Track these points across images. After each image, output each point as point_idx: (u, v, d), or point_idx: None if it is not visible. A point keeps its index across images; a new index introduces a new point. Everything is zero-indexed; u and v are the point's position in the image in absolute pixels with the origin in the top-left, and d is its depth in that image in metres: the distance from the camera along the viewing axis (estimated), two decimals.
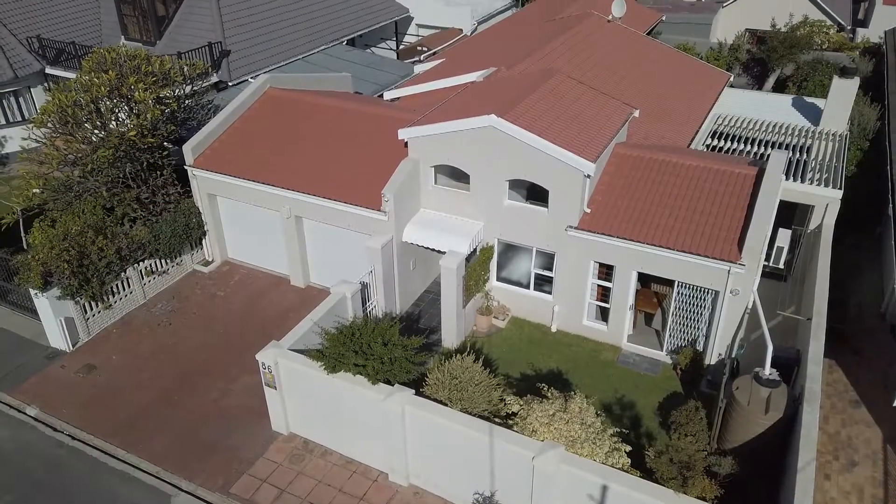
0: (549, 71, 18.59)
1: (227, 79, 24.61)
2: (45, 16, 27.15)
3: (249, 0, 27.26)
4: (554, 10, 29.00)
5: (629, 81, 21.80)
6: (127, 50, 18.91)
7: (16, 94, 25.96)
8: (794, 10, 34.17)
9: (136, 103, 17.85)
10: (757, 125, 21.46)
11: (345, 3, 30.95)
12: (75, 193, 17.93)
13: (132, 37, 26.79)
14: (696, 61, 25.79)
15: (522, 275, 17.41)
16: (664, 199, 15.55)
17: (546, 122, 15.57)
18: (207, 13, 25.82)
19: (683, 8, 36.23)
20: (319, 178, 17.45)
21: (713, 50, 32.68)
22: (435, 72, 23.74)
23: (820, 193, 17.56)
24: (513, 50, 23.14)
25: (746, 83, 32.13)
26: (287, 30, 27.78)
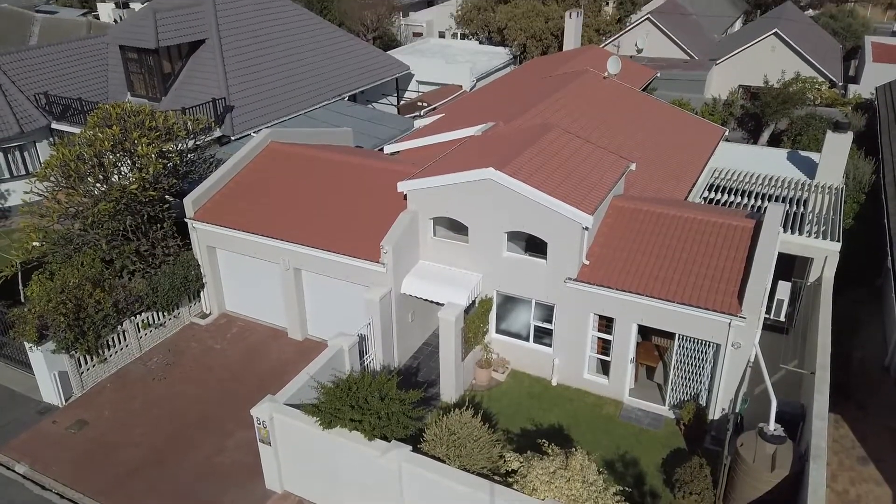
0: (547, 125, 18.89)
1: (229, 133, 25.02)
2: (53, 73, 27.82)
3: (254, 57, 27.98)
4: (551, 68, 29.68)
5: (626, 136, 22.13)
6: (132, 106, 19.28)
7: (21, 148, 26.36)
8: (786, 67, 34.97)
9: (139, 157, 18.08)
10: (753, 178, 21.67)
11: (347, 61, 31.73)
12: (75, 246, 17.97)
13: (138, 93, 27.37)
14: (691, 116, 26.24)
15: (522, 327, 17.27)
16: (663, 251, 15.56)
17: (544, 175, 15.72)
18: (212, 70, 26.45)
19: (677, 65, 37.08)
20: (319, 231, 17.51)
21: (708, 105, 33.29)
22: (434, 126, 24.13)
23: (818, 246, 17.58)
24: (511, 105, 23.58)
25: (741, 137, 32.61)
26: (290, 86, 28.41)
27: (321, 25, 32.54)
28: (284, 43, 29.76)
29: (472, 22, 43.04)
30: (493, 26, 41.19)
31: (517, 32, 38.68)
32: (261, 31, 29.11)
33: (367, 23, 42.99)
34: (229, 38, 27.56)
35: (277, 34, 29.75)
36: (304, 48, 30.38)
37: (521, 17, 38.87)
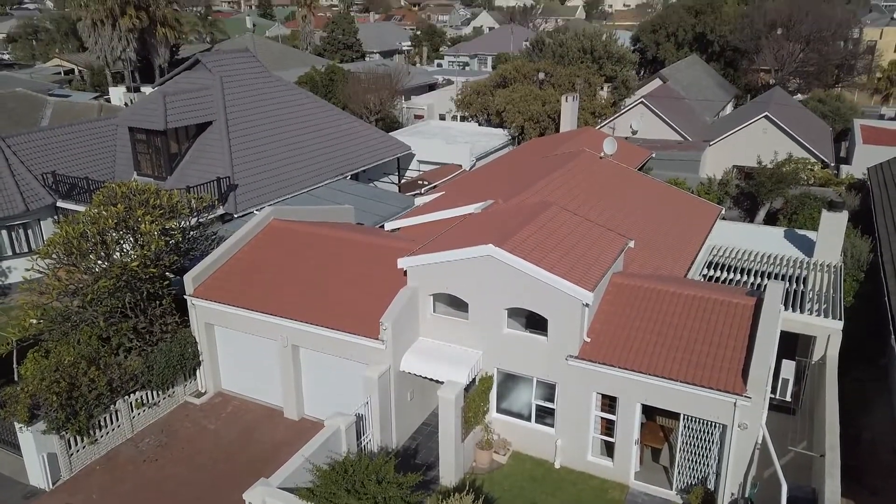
0: (545, 203, 19.16)
1: (232, 211, 25.37)
2: (62, 154, 28.49)
3: (259, 137, 28.75)
4: (548, 148, 30.43)
5: (624, 214, 22.42)
6: (138, 184, 19.63)
7: (25, 226, 26.64)
8: (778, 148, 35.83)
9: (142, 235, 18.25)
10: (751, 256, 21.79)
11: (350, 142, 32.58)
12: (72, 324, 17.87)
13: (144, 172, 27.95)
14: (687, 195, 26.66)
15: (523, 406, 16.92)
16: (664, 328, 15.44)
17: (543, 252, 15.82)
18: (218, 150, 27.11)
19: (672, 146, 38.01)
20: (318, 307, 17.45)
21: (703, 185, 33.89)
22: (434, 204, 24.49)
23: (820, 324, 17.47)
24: (509, 184, 24.01)
25: (738, 216, 33.02)
26: (294, 165, 29.05)
27: (326, 108, 33.61)
28: (290, 124, 30.66)
29: (471, 105, 44.46)
30: (491, 109, 42.51)
31: (515, 115, 39.88)
32: (267, 112, 30.04)
33: (370, 106, 44.41)
34: (236, 120, 28.40)
35: (283, 115, 30.69)
36: (308, 129, 31.27)
37: (519, 101, 40.17)
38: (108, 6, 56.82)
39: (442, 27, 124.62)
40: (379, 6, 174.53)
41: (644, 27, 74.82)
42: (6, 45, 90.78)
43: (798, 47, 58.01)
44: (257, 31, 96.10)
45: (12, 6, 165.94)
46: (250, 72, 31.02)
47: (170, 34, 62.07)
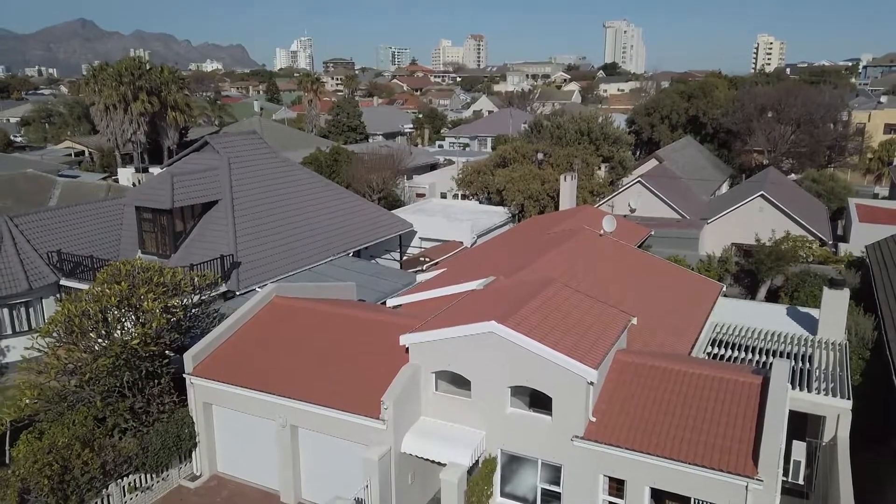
0: (547, 280, 19.23)
1: (235, 288, 25.42)
2: (67, 233, 28.84)
3: (264, 216, 29.17)
4: (548, 226, 30.81)
5: (625, 291, 22.45)
6: (142, 262, 19.78)
7: (27, 304, 26.63)
8: (776, 226, 36.26)
9: (144, 312, 18.24)
10: (755, 334, 21.65)
11: (353, 219, 33.04)
12: (68, 403, 17.58)
13: (149, 251, 28.19)
14: (688, 272, 26.78)
15: (528, 490, 16.38)
16: (671, 407, 15.17)
17: (546, 329, 15.74)
18: (223, 229, 27.46)
19: (670, 224, 38.50)
20: (317, 386, 17.20)
21: (703, 262, 34.09)
22: (436, 280, 24.57)
23: (829, 403, 17.17)
24: (511, 260, 24.17)
25: (739, 293, 33.03)
26: (297, 242, 29.34)
27: (329, 187, 34.29)
28: (294, 202, 31.19)
29: (472, 184, 45.35)
30: (492, 188, 43.35)
31: (515, 193, 40.61)
32: (272, 191, 30.63)
33: (373, 185, 45.32)
34: (241, 198, 28.92)
35: (288, 194, 31.27)
36: (312, 207, 31.79)
37: (519, 180, 41.01)
38: (121, 92, 58.96)
39: (443, 110, 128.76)
40: (382, 91, 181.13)
41: (638, 110, 77.37)
42: (20, 128, 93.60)
43: (789, 129, 59.76)
44: (264, 115, 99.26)
45: (28, 91, 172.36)
46: (257, 152, 31.84)
47: (180, 118, 64.12)
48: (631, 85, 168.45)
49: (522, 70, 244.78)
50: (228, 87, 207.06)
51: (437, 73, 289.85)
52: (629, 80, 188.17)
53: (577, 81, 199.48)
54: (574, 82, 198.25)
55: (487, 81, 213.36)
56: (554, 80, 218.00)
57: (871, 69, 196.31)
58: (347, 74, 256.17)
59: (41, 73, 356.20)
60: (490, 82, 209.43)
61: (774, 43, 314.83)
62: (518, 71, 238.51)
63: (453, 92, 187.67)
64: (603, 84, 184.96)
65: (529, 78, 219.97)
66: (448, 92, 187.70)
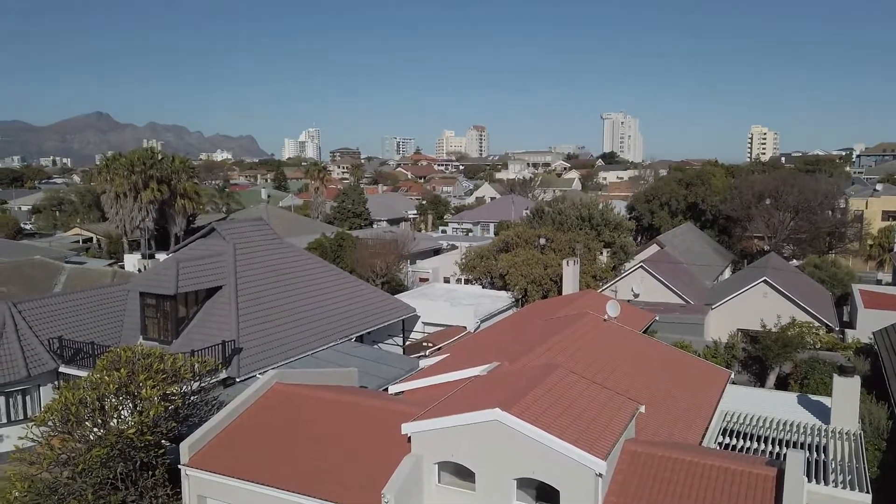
0: (552, 366, 18.96)
1: (235, 375, 25.09)
2: (70, 319, 28.80)
3: (267, 301, 29.17)
4: (551, 310, 30.70)
5: (631, 377, 22.08)
6: (143, 349, 19.64)
7: (24, 392, 26.24)
8: (781, 312, 36.08)
9: (142, 400, 17.92)
10: (766, 423, 21.11)
11: (356, 304, 33.01)
12: (59, 497, 16.96)
13: (150, 336, 28.03)
14: (694, 358, 26.42)
15: None
16: (683, 500, 14.56)
17: (552, 417, 15.37)
18: (226, 314, 27.41)
19: (674, 309, 38.35)
20: (317, 477, 16.63)
21: (709, 348, 33.71)
22: (439, 366, 24.22)
23: (848, 497, 16.49)
24: (514, 346, 23.92)
25: (748, 380, 32.46)
26: (299, 328, 29.19)
27: (333, 272, 34.49)
28: (297, 287, 31.28)
29: (475, 269, 45.59)
30: (495, 273, 43.55)
31: (518, 278, 40.74)
32: (276, 276, 30.79)
33: (376, 270, 45.57)
34: (245, 284, 29.03)
35: (291, 279, 31.41)
36: (315, 292, 31.84)
37: (522, 265, 41.24)
38: (132, 180, 60.41)
39: (446, 197, 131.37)
40: (387, 179, 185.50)
41: (638, 197, 78.78)
42: (31, 215, 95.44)
43: (788, 216, 60.57)
44: (272, 202, 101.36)
45: (41, 181, 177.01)
46: (262, 238, 32.25)
47: (188, 205, 65.37)
48: (630, 173, 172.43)
49: (523, 159, 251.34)
50: (237, 176, 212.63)
51: (441, 162, 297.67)
52: (628, 169, 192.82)
53: (576, 170, 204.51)
54: (574, 170, 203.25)
55: (489, 169, 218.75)
56: (554, 168, 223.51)
57: (864, 158, 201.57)
58: (353, 163, 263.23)
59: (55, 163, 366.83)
60: (492, 170, 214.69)
61: (768, 133, 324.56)
62: (519, 159, 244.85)
63: (456, 179, 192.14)
64: (602, 172, 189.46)
65: (530, 166, 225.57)
66: (451, 179, 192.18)
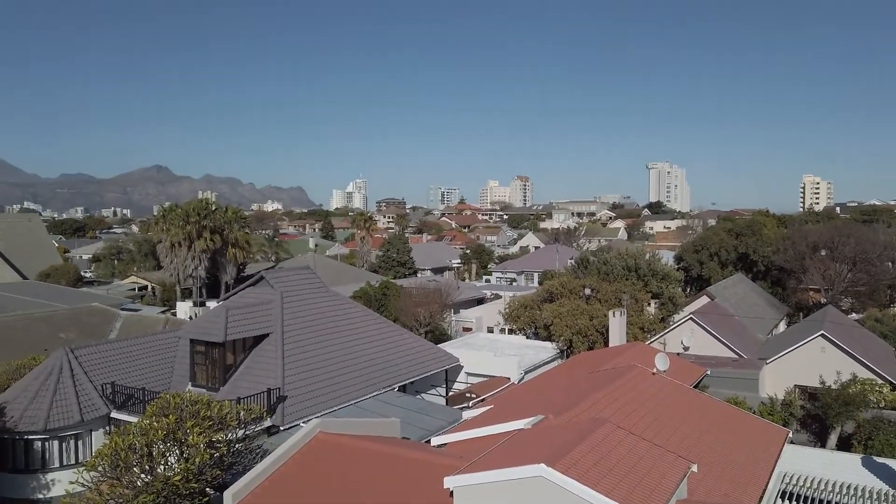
0: (599, 420, 18.46)
1: (279, 423, 25.20)
2: (123, 365, 29.55)
3: (312, 349, 29.45)
4: (598, 362, 30.07)
5: (682, 434, 21.30)
6: (191, 395, 19.98)
7: (76, 437, 26.82)
8: (840, 368, 34.50)
9: (188, 447, 18.14)
10: (829, 486, 20.01)
11: (399, 353, 33.00)
12: None
13: (199, 383, 28.51)
14: (749, 416, 25.36)
15: None
16: None
17: (599, 474, 14.89)
18: (272, 362, 27.75)
19: (727, 363, 37.10)
20: None
21: (765, 405, 32.37)
22: (483, 418, 23.87)
23: None
24: (560, 398, 23.45)
25: (807, 440, 30.95)
26: (343, 376, 29.30)
27: (377, 321, 34.68)
28: (342, 336, 31.52)
29: (519, 318, 45.22)
30: (539, 323, 43.08)
31: (563, 329, 40.18)
32: (321, 325, 31.13)
33: (420, 318, 45.65)
34: (291, 332, 29.42)
35: (336, 328, 31.70)
36: (359, 341, 32.01)
37: (567, 315, 40.72)
38: (187, 230, 62.70)
39: (490, 246, 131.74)
40: (431, 228, 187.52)
41: (686, 247, 77.38)
42: (91, 264, 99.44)
43: (845, 268, 58.38)
44: (318, 251, 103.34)
45: (102, 231, 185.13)
46: (309, 287, 32.80)
47: (239, 254, 67.31)
48: (677, 223, 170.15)
49: (568, 208, 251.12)
50: (287, 226, 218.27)
51: (485, 212, 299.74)
52: (675, 218, 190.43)
53: (622, 219, 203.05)
54: (619, 220, 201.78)
55: (533, 219, 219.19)
56: (599, 217, 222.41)
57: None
58: (399, 213, 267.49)
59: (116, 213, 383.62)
60: (536, 219, 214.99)
61: (821, 183, 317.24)
62: (563, 209, 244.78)
63: (500, 229, 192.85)
64: (648, 221, 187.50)
65: (575, 215, 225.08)
66: (495, 229, 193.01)
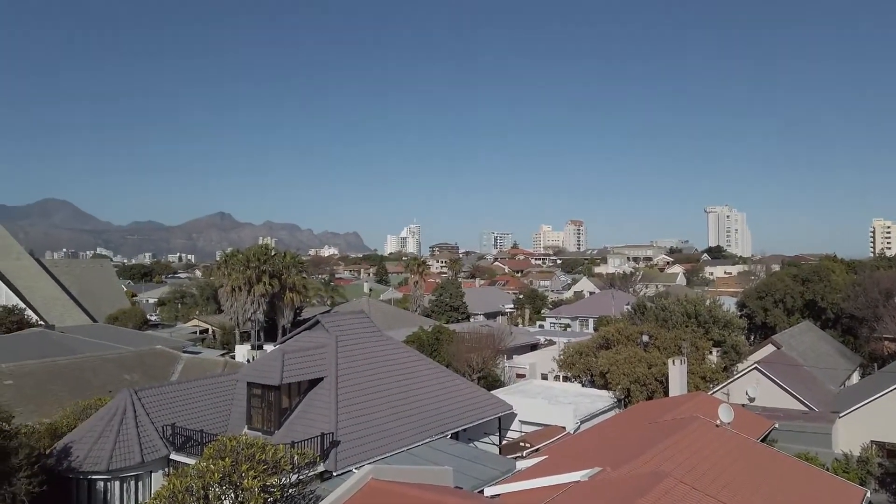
0: (660, 474, 17.76)
1: (332, 469, 25.15)
2: (183, 406, 30.18)
3: (365, 394, 29.49)
4: (658, 413, 29.05)
5: (749, 490, 20.19)
6: (247, 438, 20.20)
7: (137, 478, 27.36)
8: None
9: (243, 491, 18.25)
10: None
11: (452, 400, 32.66)
12: None
13: (255, 426, 28.84)
14: (822, 473, 23.96)
15: None
16: None
17: None
18: (326, 407, 27.88)
19: (796, 416, 35.20)
20: None
21: (839, 461, 30.49)
22: (538, 469, 23.27)
23: None
24: (618, 450, 22.68)
25: (887, 500, 28.88)
26: (396, 422, 29.13)
27: (430, 365, 34.55)
28: (395, 380, 31.48)
29: (574, 365, 44.27)
30: (595, 370, 42.04)
31: (620, 377, 39.08)
32: (375, 369, 31.21)
33: (473, 364, 45.24)
34: (345, 376, 29.57)
35: (390, 372, 31.71)
36: (412, 386, 31.89)
37: (624, 363, 39.64)
38: (247, 275, 64.54)
39: (543, 291, 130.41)
40: (484, 273, 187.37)
41: (749, 294, 74.66)
42: (156, 308, 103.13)
43: None
44: (373, 295, 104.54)
45: (168, 275, 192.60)
46: (363, 331, 33.05)
47: (296, 298, 68.78)
48: (738, 268, 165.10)
49: (623, 253, 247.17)
50: (342, 270, 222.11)
51: (538, 256, 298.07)
52: (736, 263, 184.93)
53: (680, 264, 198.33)
54: (677, 265, 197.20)
55: (588, 264, 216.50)
56: (656, 262, 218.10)
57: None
58: (452, 257, 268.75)
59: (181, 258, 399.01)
60: (590, 264, 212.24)
61: (892, 227, 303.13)
62: (618, 254, 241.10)
63: (554, 273, 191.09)
64: (708, 267, 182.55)
65: (630, 260, 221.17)
66: (548, 273, 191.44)
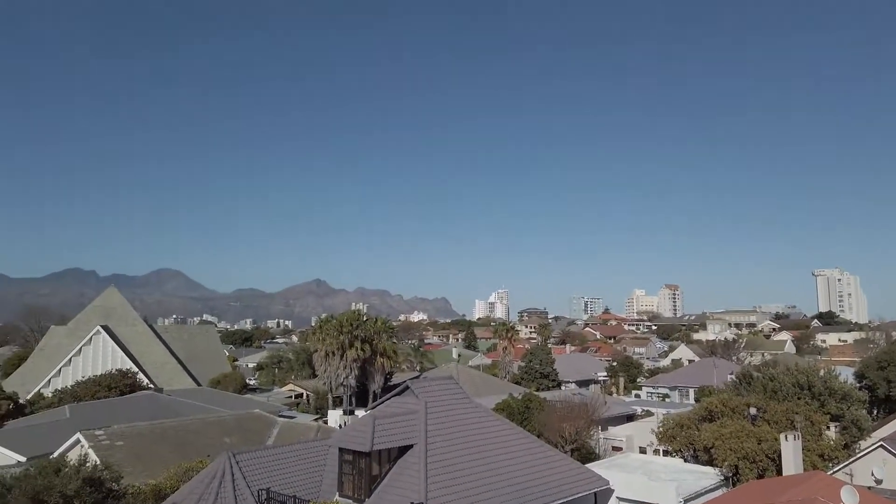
0: None
1: None
2: (278, 471, 30.64)
3: (454, 463, 28.96)
4: (773, 493, 26.74)
5: None
6: None
7: None
8: None
9: None
10: None
11: (544, 472, 31.46)
12: None
13: (346, 493, 28.84)
14: None
15: None
16: None
17: None
18: (415, 475, 27.56)
19: None
20: None
21: None
22: None
23: None
24: None
25: None
26: (484, 493, 28.29)
27: (521, 435, 33.61)
28: (484, 450, 30.77)
29: (675, 439, 41.76)
30: (698, 444, 39.45)
31: (727, 452, 36.45)
32: (464, 437, 30.68)
33: (565, 435, 43.65)
34: (434, 443, 29.23)
35: (479, 441, 31.07)
36: (502, 456, 31.04)
37: (730, 437, 37.02)
38: (340, 340, 66.12)
39: (638, 359, 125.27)
40: (575, 339, 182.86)
41: (869, 363, 68.55)
42: (255, 372, 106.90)
43: None
44: (461, 361, 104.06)
45: (266, 341, 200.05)
46: (452, 398, 32.77)
47: (387, 363, 69.62)
48: (854, 335, 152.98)
49: (724, 319, 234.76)
50: (431, 335, 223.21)
51: (631, 322, 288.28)
52: (851, 330, 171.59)
53: (787, 331, 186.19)
54: (784, 332, 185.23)
55: (685, 330, 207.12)
56: (760, 328, 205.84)
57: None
58: (541, 323, 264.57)
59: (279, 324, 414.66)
60: (688, 330, 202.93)
61: None
62: (719, 319, 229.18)
63: (649, 340, 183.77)
64: (819, 334, 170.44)
65: (732, 326, 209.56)
66: (643, 340, 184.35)
